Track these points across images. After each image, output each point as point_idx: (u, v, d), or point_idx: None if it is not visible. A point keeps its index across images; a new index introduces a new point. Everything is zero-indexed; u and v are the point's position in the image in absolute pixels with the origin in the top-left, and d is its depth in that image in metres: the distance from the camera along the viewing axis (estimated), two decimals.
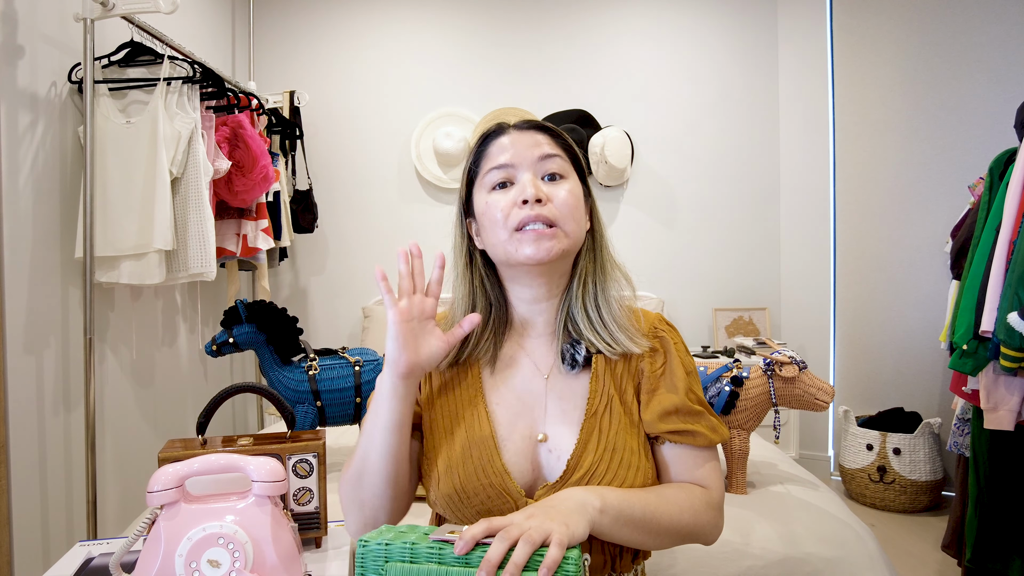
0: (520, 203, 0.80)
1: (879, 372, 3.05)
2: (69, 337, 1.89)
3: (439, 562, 0.59)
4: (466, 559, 0.59)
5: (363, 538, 0.62)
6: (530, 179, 0.81)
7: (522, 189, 0.80)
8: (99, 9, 1.80)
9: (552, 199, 0.80)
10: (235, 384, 1.08)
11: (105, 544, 1.09)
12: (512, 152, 0.82)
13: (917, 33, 2.89)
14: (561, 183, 0.83)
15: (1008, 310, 1.58)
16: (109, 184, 1.91)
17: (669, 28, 3.28)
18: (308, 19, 3.26)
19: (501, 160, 0.82)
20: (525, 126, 0.86)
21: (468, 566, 0.58)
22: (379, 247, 3.28)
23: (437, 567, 0.58)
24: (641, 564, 0.85)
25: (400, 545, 0.60)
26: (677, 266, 3.29)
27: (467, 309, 0.87)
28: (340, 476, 0.85)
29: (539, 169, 0.82)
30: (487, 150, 0.85)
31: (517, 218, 0.79)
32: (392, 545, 0.60)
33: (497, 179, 0.82)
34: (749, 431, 1.55)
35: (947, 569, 2.20)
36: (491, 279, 0.89)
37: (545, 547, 0.59)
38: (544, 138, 0.85)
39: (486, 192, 0.84)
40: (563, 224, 0.80)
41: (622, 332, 0.83)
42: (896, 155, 2.98)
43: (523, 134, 0.84)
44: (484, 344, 0.87)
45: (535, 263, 0.79)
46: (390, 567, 0.59)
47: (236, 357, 3.06)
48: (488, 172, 0.83)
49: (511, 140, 0.84)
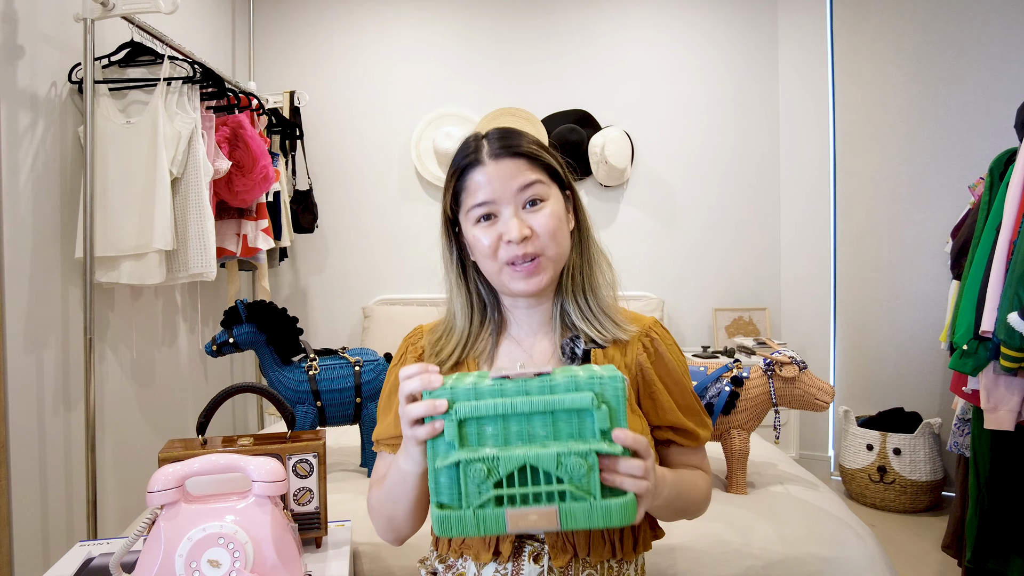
0: (506, 241, 0.81)
1: (879, 372, 3.05)
2: (69, 337, 1.89)
3: (502, 395, 0.64)
4: (526, 389, 0.64)
5: (426, 391, 0.66)
6: (514, 219, 0.81)
7: (506, 227, 0.81)
8: (99, 9, 1.80)
9: (535, 229, 0.82)
10: (235, 384, 1.08)
11: (105, 544, 1.09)
12: (491, 188, 0.82)
13: (917, 33, 2.89)
14: (542, 207, 0.83)
15: (1008, 310, 1.57)
16: (109, 184, 1.91)
17: (669, 28, 3.27)
18: (308, 19, 3.26)
19: (481, 198, 0.83)
20: (500, 152, 0.83)
21: (528, 395, 0.64)
22: (379, 247, 3.28)
23: (502, 400, 0.64)
24: (642, 555, 0.86)
25: (464, 389, 0.65)
26: (677, 266, 3.29)
27: (468, 318, 0.90)
28: (368, 500, 0.88)
29: (520, 199, 0.82)
30: (466, 183, 0.85)
31: (506, 255, 0.82)
32: (456, 389, 0.65)
33: (480, 214, 0.83)
34: (749, 431, 1.55)
35: (947, 569, 2.20)
36: (485, 285, 0.91)
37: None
38: (522, 163, 0.83)
39: (471, 223, 0.85)
40: (548, 251, 0.83)
41: (609, 319, 0.87)
42: (896, 155, 2.97)
43: (499, 164, 0.83)
44: (481, 343, 0.89)
45: (528, 296, 0.85)
46: (459, 407, 0.64)
47: (236, 357, 3.06)
48: (471, 209, 0.84)
49: (488, 175, 0.82)
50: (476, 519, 0.63)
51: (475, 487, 0.63)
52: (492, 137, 0.85)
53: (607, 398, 0.64)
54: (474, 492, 0.63)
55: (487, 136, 0.86)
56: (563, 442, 0.64)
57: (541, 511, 0.62)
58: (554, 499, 0.63)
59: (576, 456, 0.62)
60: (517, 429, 0.65)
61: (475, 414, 0.64)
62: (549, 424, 0.64)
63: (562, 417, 0.64)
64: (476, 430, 0.65)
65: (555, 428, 0.64)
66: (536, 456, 0.62)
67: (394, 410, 0.87)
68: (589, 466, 0.62)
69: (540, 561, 0.80)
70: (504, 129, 0.87)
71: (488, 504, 0.63)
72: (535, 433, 0.64)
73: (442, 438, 0.65)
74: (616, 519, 0.62)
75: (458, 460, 0.63)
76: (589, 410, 0.63)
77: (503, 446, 0.64)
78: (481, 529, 0.63)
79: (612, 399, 0.64)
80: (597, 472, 0.62)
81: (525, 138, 0.86)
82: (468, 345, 0.89)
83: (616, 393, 0.64)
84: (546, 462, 0.62)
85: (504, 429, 0.65)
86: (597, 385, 0.64)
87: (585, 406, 0.63)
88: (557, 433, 0.64)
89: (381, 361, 1.73)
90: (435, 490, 0.65)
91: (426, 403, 0.65)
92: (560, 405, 0.63)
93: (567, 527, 0.62)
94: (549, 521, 0.62)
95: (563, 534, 0.80)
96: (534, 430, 0.64)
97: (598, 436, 0.63)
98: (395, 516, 0.82)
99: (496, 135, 0.86)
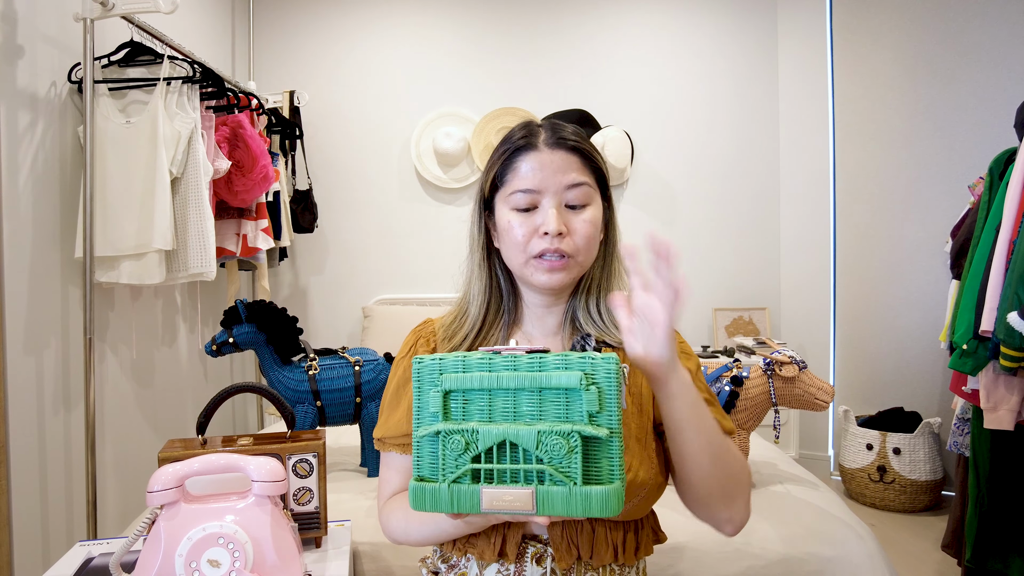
0: (541, 233, 0.80)
1: (879, 372, 3.05)
2: (69, 337, 1.89)
3: (489, 370, 0.63)
4: (514, 364, 0.63)
5: (417, 357, 0.66)
6: (554, 211, 0.80)
7: (544, 219, 0.80)
8: (99, 9, 1.80)
9: (572, 231, 0.81)
10: (235, 384, 1.08)
11: (105, 544, 1.09)
12: (540, 177, 0.81)
13: (917, 33, 2.89)
14: (583, 212, 0.82)
15: (1008, 310, 1.57)
16: (109, 184, 1.91)
17: (669, 28, 3.28)
18: (308, 19, 3.26)
19: (528, 184, 0.81)
20: (557, 144, 0.82)
21: (516, 371, 0.63)
22: (379, 247, 3.28)
23: (488, 375, 0.63)
24: (643, 560, 0.85)
25: (453, 359, 0.65)
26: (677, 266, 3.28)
27: (484, 305, 0.89)
28: (386, 524, 0.86)
29: (564, 197, 0.81)
30: (515, 165, 0.83)
31: (537, 247, 0.81)
32: (445, 359, 0.65)
33: (522, 202, 0.82)
34: (749, 431, 1.55)
35: (947, 569, 2.20)
36: (505, 274, 0.91)
37: None
38: (575, 160, 0.82)
39: (508, 208, 0.83)
40: (578, 255, 0.82)
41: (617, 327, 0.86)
42: (896, 155, 2.97)
43: (554, 154, 0.82)
44: (494, 334, 0.89)
45: (547, 290, 0.84)
46: (445, 378, 0.64)
47: (236, 357, 3.06)
48: (513, 192, 0.83)
49: (540, 162, 0.82)
50: (451, 494, 0.61)
51: (452, 460, 0.62)
52: (549, 127, 0.85)
53: (597, 379, 0.62)
54: (451, 465, 0.62)
55: (543, 125, 0.85)
56: (547, 422, 0.62)
57: (517, 492, 0.60)
58: (532, 479, 0.60)
59: (557, 436, 0.60)
60: (503, 405, 0.63)
61: (460, 386, 0.63)
62: (536, 402, 0.63)
63: (550, 396, 0.62)
64: (461, 403, 0.64)
65: (542, 407, 0.63)
66: (516, 433, 0.60)
67: (403, 405, 0.86)
68: (571, 448, 0.60)
69: (543, 563, 0.79)
70: (562, 124, 0.86)
71: (464, 479, 0.61)
72: (521, 410, 0.63)
73: (427, 408, 0.65)
74: (596, 508, 0.59)
75: (438, 431, 0.62)
76: (578, 390, 0.61)
77: (487, 421, 0.63)
78: (455, 505, 0.61)
79: (603, 381, 0.62)
80: (579, 455, 0.60)
81: (588, 140, 0.86)
82: (481, 332, 0.88)
83: (608, 375, 0.62)
84: (526, 439, 0.60)
85: (489, 404, 0.64)
86: (588, 365, 0.62)
87: (572, 385, 0.61)
88: (543, 412, 0.63)
89: (381, 361, 1.73)
90: (417, 463, 0.64)
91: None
92: (547, 383, 0.62)
93: (543, 512, 0.60)
94: (524, 503, 0.60)
95: (566, 536, 0.79)
96: (520, 407, 0.63)
97: (585, 418, 0.61)
98: (420, 543, 0.83)
99: (554, 126, 0.85)
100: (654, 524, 0.88)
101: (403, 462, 0.86)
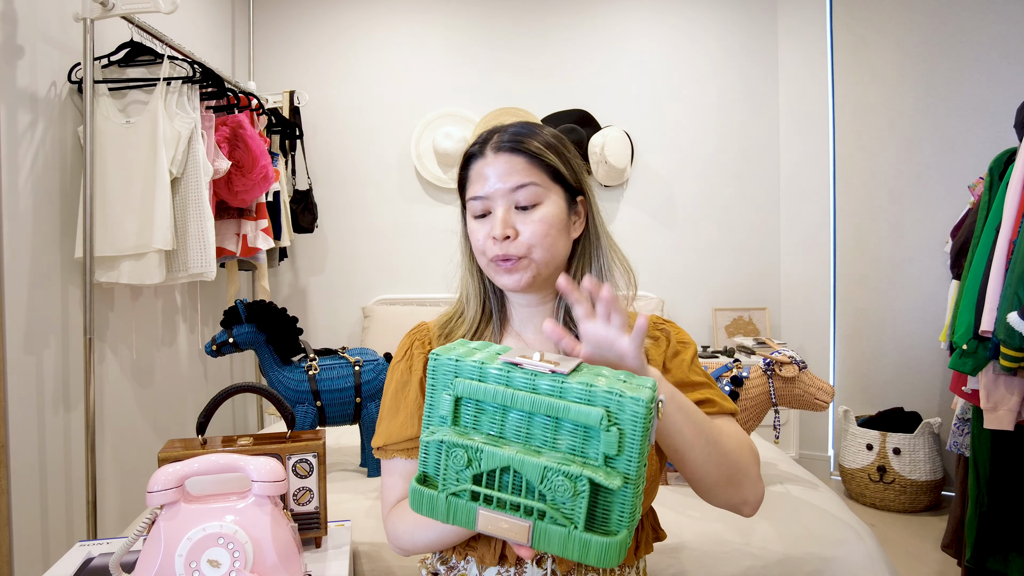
0: (491, 237, 0.82)
1: (879, 372, 3.05)
2: (69, 337, 1.89)
3: (507, 384, 0.58)
4: (534, 385, 0.58)
5: (435, 352, 0.62)
6: (501, 215, 0.82)
7: (493, 224, 0.82)
8: (99, 9, 1.80)
9: (521, 232, 0.82)
10: (235, 384, 1.08)
11: (105, 544, 1.09)
12: (487, 184, 0.83)
13: (917, 33, 2.89)
14: (533, 211, 0.82)
15: (1008, 310, 1.58)
16: (109, 184, 1.91)
17: (669, 28, 3.27)
18: (308, 19, 3.26)
19: (478, 191, 0.84)
20: (503, 146, 0.83)
21: (535, 392, 0.57)
22: (379, 247, 3.28)
23: (504, 390, 0.58)
24: (643, 559, 0.85)
25: (470, 364, 0.60)
26: (677, 266, 3.29)
27: (479, 306, 0.90)
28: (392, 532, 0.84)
29: (511, 200, 0.82)
30: (469, 173, 0.87)
31: (492, 252, 0.82)
32: (462, 362, 0.60)
33: (477, 209, 0.84)
34: (749, 431, 1.55)
35: (947, 569, 2.20)
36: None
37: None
38: (520, 161, 0.83)
39: (470, 215, 0.86)
40: (531, 253, 0.82)
41: None
42: (896, 155, 2.98)
43: (498, 158, 0.83)
44: (488, 336, 0.89)
45: (511, 291, 0.86)
46: (458, 383, 0.60)
47: (236, 357, 3.06)
48: (470, 200, 0.85)
49: (486, 168, 0.83)
50: (448, 506, 0.59)
51: (454, 472, 0.59)
52: (508, 130, 0.85)
53: (621, 420, 0.55)
54: (452, 477, 0.59)
55: (504, 128, 0.86)
56: (559, 453, 0.57)
57: (513, 522, 0.57)
58: (532, 513, 0.56)
59: (564, 476, 0.54)
60: (515, 424, 0.59)
61: (473, 395, 0.59)
62: (551, 429, 0.58)
63: (567, 426, 0.57)
64: (473, 411, 0.60)
65: (556, 435, 0.57)
66: (521, 462, 0.56)
67: (404, 410, 0.86)
68: (577, 492, 0.55)
69: (544, 565, 0.79)
70: (523, 124, 0.86)
71: (463, 494, 0.59)
72: (533, 434, 0.58)
73: (437, 409, 0.61)
74: (593, 557, 0.54)
75: (442, 439, 0.59)
76: (596, 428, 0.55)
77: (497, 436, 0.59)
78: (451, 518, 0.59)
79: (627, 422, 0.55)
80: (586, 500, 0.54)
81: (537, 137, 0.84)
82: (476, 334, 0.89)
83: (635, 418, 0.55)
84: (530, 471, 0.55)
85: (502, 419, 0.59)
86: (615, 402, 0.55)
87: (592, 424, 0.55)
88: (557, 441, 0.57)
89: (381, 361, 1.73)
90: (423, 459, 0.61)
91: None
92: (565, 414, 0.56)
93: (538, 547, 0.57)
94: (519, 535, 0.57)
95: None
96: (533, 430, 0.58)
97: (601, 459, 0.55)
98: (427, 548, 0.80)
99: (512, 129, 0.85)
100: (653, 522, 0.88)
101: (407, 467, 0.84)
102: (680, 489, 1.52)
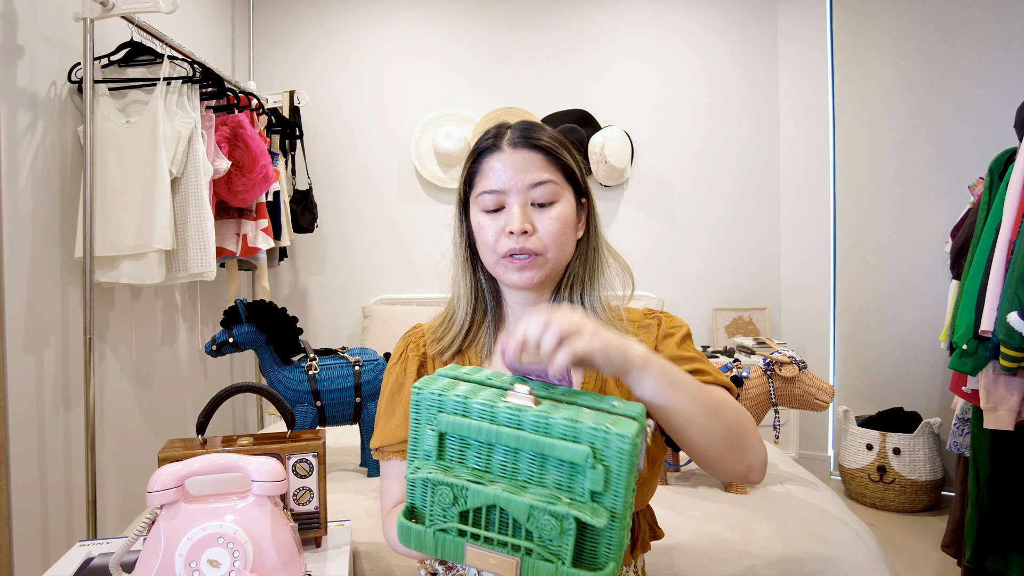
0: (507, 232, 0.81)
1: (879, 372, 3.05)
2: (69, 337, 1.89)
3: (491, 421, 0.58)
4: (519, 421, 0.57)
5: (416, 385, 0.62)
6: (518, 210, 0.81)
7: (510, 219, 0.81)
8: (99, 9, 1.80)
9: (538, 229, 0.81)
10: (235, 384, 1.08)
11: (105, 544, 1.09)
12: (504, 178, 0.82)
13: (917, 33, 2.89)
14: (550, 209, 0.82)
15: (1008, 310, 1.57)
16: (109, 184, 1.91)
17: (669, 28, 3.27)
18: (308, 19, 3.26)
19: (492, 185, 0.82)
20: (520, 142, 0.83)
21: (520, 428, 0.57)
22: (379, 247, 3.28)
23: (488, 426, 0.58)
24: (641, 556, 0.85)
25: (453, 399, 0.59)
26: (677, 266, 3.29)
27: (470, 308, 0.89)
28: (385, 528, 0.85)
29: (529, 196, 0.82)
30: (480, 167, 0.85)
31: (505, 247, 0.81)
32: (445, 397, 0.60)
33: (490, 203, 0.83)
34: None
35: (947, 569, 2.20)
36: (487, 276, 0.91)
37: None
38: (539, 158, 0.83)
39: (479, 210, 0.85)
40: (547, 252, 0.82)
41: (608, 324, 0.85)
42: (896, 155, 2.97)
43: (517, 153, 0.82)
44: (481, 336, 0.89)
45: (519, 289, 0.84)
46: (442, 418, 0.59)
47: (236, 357, 3.06)
48: (481, 194, 0.84)
49: (503, 163, 0.82)
50: (436, 541, 0.59)
51: (440, 509, 0.59)
52: (517, 127, 0.85)
53: (607, 457, 0.55)
54: (439, 514, 0.59)
55: (513, 125, 0.86)
56: (545, 490, 0.56)
57: (501, 558, 0.57)
58: (520, 550, 0.56)
59: (550, 516, 0.54)
60: (501, 460, 0.58)
61: (456, 432, 0.59)
62: (537, 465, 0.57)
63: (553, 462, 0.57)
64: (458, 445, 0.60)
65: (542, 471, 0.57)
66: (507, 500, 0.55)
67: (399, 412, 0.86)
68: (564, 530, 0.54)
69: None
70: (531, 122, 0.87)
71: (451, 531, 0.58)
72: (520, 469, 0.58)
73: (421, 444, 0.61)
74: None
75: (427, 477, 0.58)
76: (582, 466, 0.55)
77: (483, 470, 0.59)
78: (439, 552, 0.59)
79: (614, 459, 0.54)
80: (572, 537, 0.54)
81: (549, 133, 0.85)
82: (469, 335, 0.89)
83: (620, 455, 0.54)
84: (517, 510, 0.55)
85: (488, 455, 0.59)
86: (600, 439, 0.55)
87: (578, 461, 0.55)
88: (544, 477, 0.57)
89: (381, 361, 1.73)
90: (410, 492, 0.61)
91: None
92: (551, 451, 0.56)
93: None
94: (507, 571, 0.57)
95: None
96: (519, 466, 0.58)
97: (587, 496, 0.55)
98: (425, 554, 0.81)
99: (521, 125, 0.85)
100: (651, 520, 0.88)
101: (403, 469, 0.85)
102: (680, 489, 1.52)
